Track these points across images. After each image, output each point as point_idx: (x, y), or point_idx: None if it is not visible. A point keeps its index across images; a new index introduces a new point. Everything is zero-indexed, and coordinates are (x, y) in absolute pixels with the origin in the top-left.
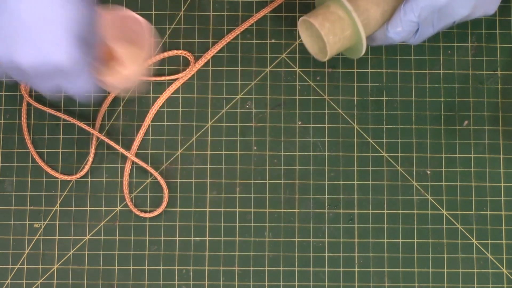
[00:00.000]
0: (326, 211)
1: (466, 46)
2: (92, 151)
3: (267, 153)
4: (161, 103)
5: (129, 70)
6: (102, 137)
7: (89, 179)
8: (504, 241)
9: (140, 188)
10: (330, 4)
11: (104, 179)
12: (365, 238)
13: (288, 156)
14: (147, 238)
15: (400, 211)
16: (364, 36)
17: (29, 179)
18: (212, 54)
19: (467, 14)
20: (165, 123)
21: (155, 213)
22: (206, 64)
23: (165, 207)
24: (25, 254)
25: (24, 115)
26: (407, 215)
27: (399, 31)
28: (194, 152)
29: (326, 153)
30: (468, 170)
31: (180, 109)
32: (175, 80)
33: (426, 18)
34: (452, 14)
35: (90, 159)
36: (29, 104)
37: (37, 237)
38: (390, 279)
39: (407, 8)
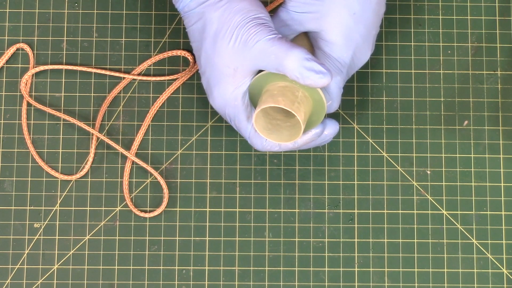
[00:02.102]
0: (326, 211)
1: (466, 46)
2: (92, 151)
3: (267, 153)
4: (161, 103)
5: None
6: (102, 137)
7: (89, 179)
8: (504, 241)
9: (140, 188)
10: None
11: (104, 179)
12: (365, 238)
13: (288, 156)
14: (147, 238)
15: (400, 211)
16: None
17: (29, 179)
18: None
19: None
20: (165, 123)
21: (155, 213)
22: None
23: (165, 207)
24: (25, 254)
25: (24, 115)
26: (407, 215)
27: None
28: (194, 152)
29: (326, 153)
30: (468, 170)
31: (180, 109)
32: (175, 80)
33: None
34: (354, 68)
35: (90, 159)
36: (29, 104)
37: (37, 237)
38: (390, 279)
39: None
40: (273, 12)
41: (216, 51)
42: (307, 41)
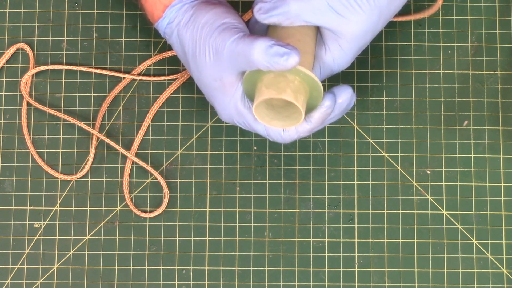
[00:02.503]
0: (326, 211)
1: (466, 46)
2: (92, 151)
3: (267, 153)
4: (161, 103)
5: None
6: (102, 137)
7: (89, 179)
8: (504, 241)
9: (140, 188)
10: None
11: (104, 179)
12: (365, 238)
13: (288, 156)
14: (147, 238)
15: (400, 211)
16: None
17: (29, 179)
18: None
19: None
20: (165, 123)
21: (155, 213)
22: None
23: (165, 207)
24: (25, 254)
25: (24, 115)
26: (407, 215)
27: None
28: (194, 152)
29: (326, 153)
30: (468, 170)
31: (180, 109)
32: (175, 80)
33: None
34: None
35: (90, 159)
36: (29, 104)
37: (37, 237)
38: (390, 279)
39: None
40: None
41: (199, 69)
42: (313, 32)
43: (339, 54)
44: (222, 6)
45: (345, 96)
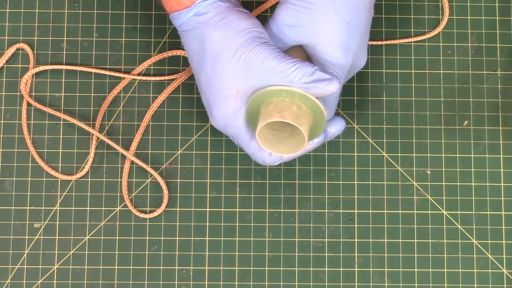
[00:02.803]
0: (326, 211)
1: (466, 46)
2: (92, 151)
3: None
4: (159, 103)
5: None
6: (102, 137)
7: (89, 179)
8: (504, 241)
9: (140, 188)
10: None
11: (104, 179)
12: (365, 238)
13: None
14: (147, 238)
15: (400, 211)
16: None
17: (29, 179)
18: None
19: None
20: (165, 123)
21: (155, 214)
22: None
23: (165, 208)
24: (25, 254)
25: (24, 115)
26: (407, 215)
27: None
28: (194, 152)
29: (326, 153)
30: (468, 170)
31: (180, 109)
32: (175, 79)
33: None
34: (351, 74)
35: (90, 159)
36: (29, 104)
37: (37, 237)
38: (390, 279)
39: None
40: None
41: (218, 72)
42: (303, 51)
43: (328, 62)
44: (253, 18)
45: (339, 128)
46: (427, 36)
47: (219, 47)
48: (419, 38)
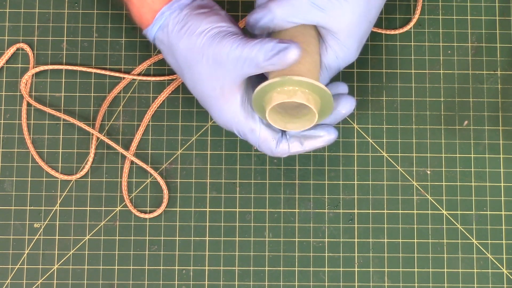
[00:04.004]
0: (326, 211)
1: (466, 46)
2: (92, 151)
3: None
4: (159, 103)
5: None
6: (102, 137)
7: (89, 179)
8: (504, 241)
9: (140, 188)
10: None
11: (104, 179)
12: (365, 238)
13: (288, 156)
14: (147, 238)
15: (400, 211)
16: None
17: (29, 179)
18: None
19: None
20: (165, 123)
21: (155, 214)
22: None
23: (165, 208)
24: (25, 254)
25: (24, 115)
26: (407, 215)
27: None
28: (194, 152)
29: (326, 153)
30: (468, 170)
31: (180, 109)
32: (174, 79)
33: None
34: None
35: (90, 159)
36: (29, 104)
37: (37, 237)
38: (390, 279)
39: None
40: None
41: (195, 79)
42: (314, 31)
43: (340, 49)
44: (215, 14)
45: (349, 107)
46: (398, 31)
47: (187, 55)
48: (388, 32)
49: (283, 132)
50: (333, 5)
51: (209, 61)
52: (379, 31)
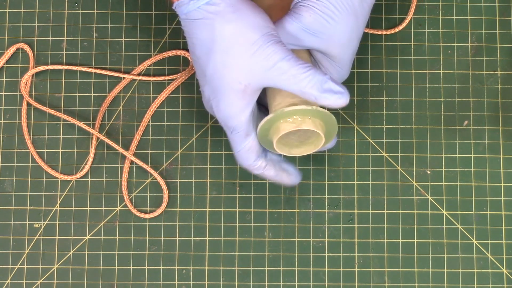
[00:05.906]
0: (326, 211)
1: (466, 46)
2: (92, 151)
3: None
4: (159, 103)
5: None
6: (102, 137)
7: (89, 179)
8: (504, 241)
9: (140, 188)
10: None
11: (104, 179)
12: (365, 238)
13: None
14: (147, 238)
15: (400, 211)
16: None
17: (29, 179)
18: None
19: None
20: (165, 123)
21: (155, 214)
22: None
23: (165, 208)
24: (25, 254)
25: (24, 115)
26: (407, 215)
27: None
28: (194, 152)
29: (326, 153)
30: (468, 170)
31: (180, 109)
32: (174, 79)
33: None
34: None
35: (90, 159)
36: (29, 104)
37: (37, 237)
38: (390, 279)
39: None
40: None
41: (228, 65)
42: (307, 54)
43: (334, 70)
44: (265, 13)
45: (333, 141)
46: (387, 32)
47: (231, 41)
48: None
49: (267, 152)
50: (326, 29)
51: (253, 57)
52: (371, 31)
